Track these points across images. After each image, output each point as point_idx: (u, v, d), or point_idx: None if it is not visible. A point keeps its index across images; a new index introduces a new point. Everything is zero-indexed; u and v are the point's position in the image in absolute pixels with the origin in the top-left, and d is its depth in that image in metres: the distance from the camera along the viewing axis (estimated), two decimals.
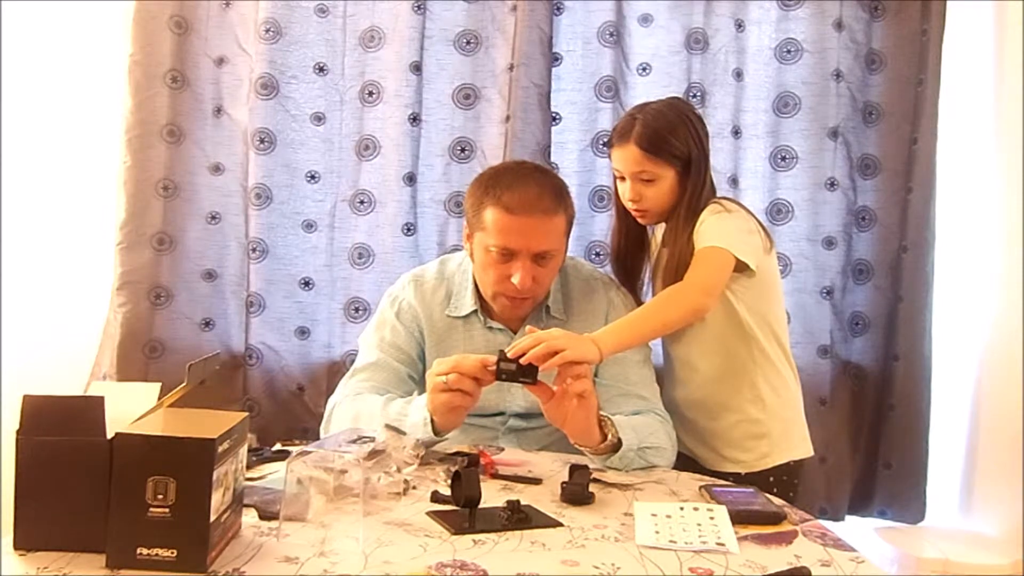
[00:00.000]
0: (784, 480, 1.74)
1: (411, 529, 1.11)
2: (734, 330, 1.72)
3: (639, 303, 1.82)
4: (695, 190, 1.70)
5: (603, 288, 1.73)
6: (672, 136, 1.67)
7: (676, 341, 1.76)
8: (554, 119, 2.30)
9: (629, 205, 1.73)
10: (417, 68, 2.28)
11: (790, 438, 1.77)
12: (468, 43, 2.29)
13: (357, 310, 2.32)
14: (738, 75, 2.31)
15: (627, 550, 1.07)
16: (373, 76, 2.30)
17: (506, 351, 1.37)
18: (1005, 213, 2.29)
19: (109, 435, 0.93)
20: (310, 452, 1.09)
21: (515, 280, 1.54)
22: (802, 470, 1.79)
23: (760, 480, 1.70)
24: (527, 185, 1.55)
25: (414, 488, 1.26)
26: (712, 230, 1.64)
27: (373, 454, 1.09)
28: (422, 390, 1.52)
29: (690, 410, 1.78)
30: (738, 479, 1.71)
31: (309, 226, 2.33)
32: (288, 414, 2.31)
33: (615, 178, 1.79)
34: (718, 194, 1.79)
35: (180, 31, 2.27)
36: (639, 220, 1.78)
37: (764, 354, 1.74)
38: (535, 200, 1.53)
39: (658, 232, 1.87)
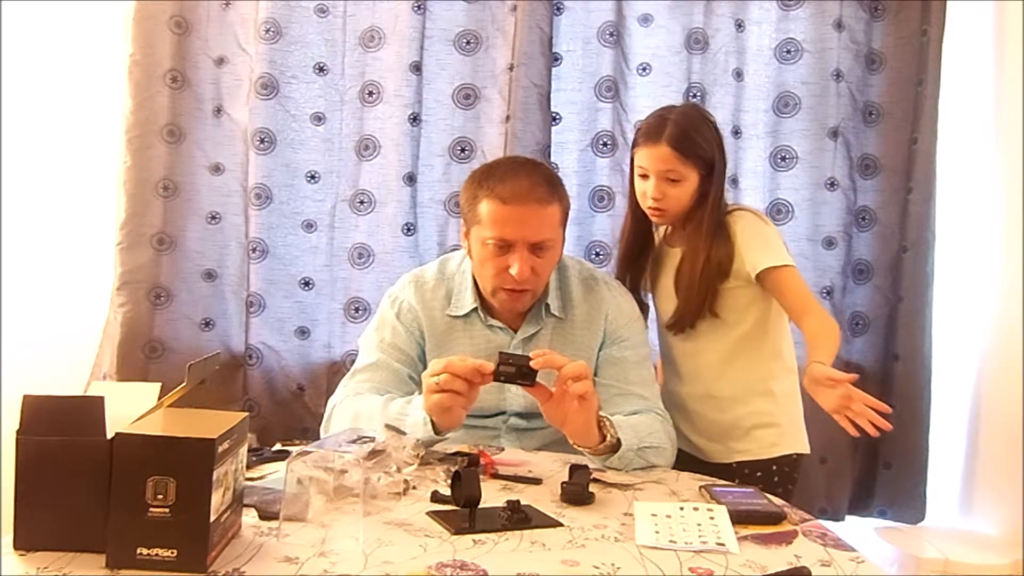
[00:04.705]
0: (786, 471, 1.76)
1: (411, 529, 1.11)
2: (759, 327, 1.76)
3: (640, 302, 1.84)
4: (717, 195, 1.73)
5: (603, 287, 1.73)
6: (700, 138, 1.71)
7: (690, 337, 1.77)
8: (554, 119, 2.30)
9: (648, 203, 1.74)
10: (417, 68, 2.28)
11: (797, 430, 1.80)
12: (468, 43, 2.29)
13: (357, 310, 2.32)
14: (738, 75, 2.31)
15: (627, 550, 1.07)
16: (373, 76, 2.30)
17: (506, 352, 1.37)
18: (1005, 213, 2.29)
19: (109, 435, 0.93)
20: (310, 452, 1.09)
21: (513, 271, 1.54)
22: (801, 467, 1.81)
23: (763, 468, 1.74)
24: (520, 176, 1.56)
25: (414, 488, 1.26)
26: (767, 248, 1.70)
27: (373, 454, 1.09)
28: (422, 390, 1.52)
29: (697, 404, 1.80)
30: (741, 466, 1.74)
31: (309, 226, 2.33)
32: (288, 414, 2.31)
33: (632, 176, 1.79)
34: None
35: (180, 31, 2.27)
36: (655, 219, 1.79)
37: (778, 350, 1.78)
38: (528, 190, 1.54)
39: (659, 232, 1.89)
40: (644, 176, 1.74)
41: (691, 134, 1.70)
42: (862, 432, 1.44)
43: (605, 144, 2.30)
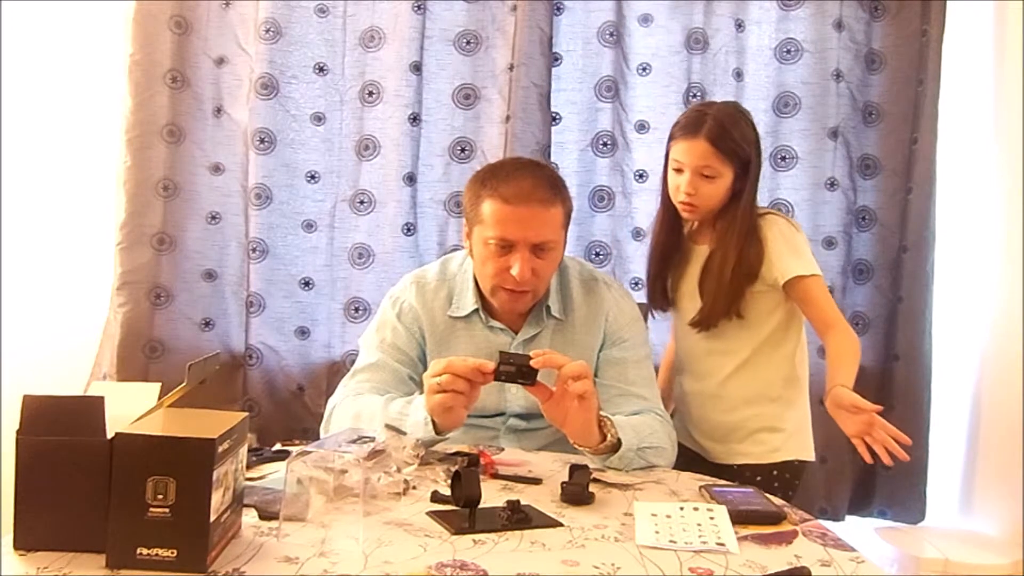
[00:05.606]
0: (787, 478, 1.75)
1: (411, 529, 1.11)
2: (779, 333, 1.75)
3: (663, 297, 1.85)
4: (751, 195, 1.73)
5: (604, 288, 1.73)
6: (739, 135, 1.70)
7: (710, 336, 1.76)
8: (554, 119, 2.30)
9: (680, 198, 1.73)
10: (417, 68, 2.28)
11: (802, 436, 1.80)
12: (468, 43, 2.29)
13: (357, 310, 2.32)
14: (738, 75, 2.31)
15: (627, 550, 1.07)
16: (373, 76, 2.31)
17: (506, 351, 1.37)
18: (1005, 213, 2.30)
19: (109, 435, 0.93)
20: (310, 452, 1.09)
21: (514, 272, 1.54)
22: (804, 473, 1.80)
23: (764, 472, 1.74)
24: (523, 177, 1.56)
25: (414, 488, 1.26)
26: (797, 256, 1.69)
27: (373, 454, 1.09)
28: (423, 391, 1.52)
29: (703, 403, 1.79)
30: (742, 469, 1.74)
31: (309, 226, 2.33)
32: (288, 414, 2.31)
33: (667, 170, 1.78)
34: None
35: (180, 31, 2.27)
36: (685, 214, 1.78)
37: (792, 356, 1.78)
38: (531, 191, 1.54)
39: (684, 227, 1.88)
40: (679, 170, 1.73)
41: (730, 130, 1.69)
42: (876, 458, 1.45)
43: (605, 144, 2.30)
